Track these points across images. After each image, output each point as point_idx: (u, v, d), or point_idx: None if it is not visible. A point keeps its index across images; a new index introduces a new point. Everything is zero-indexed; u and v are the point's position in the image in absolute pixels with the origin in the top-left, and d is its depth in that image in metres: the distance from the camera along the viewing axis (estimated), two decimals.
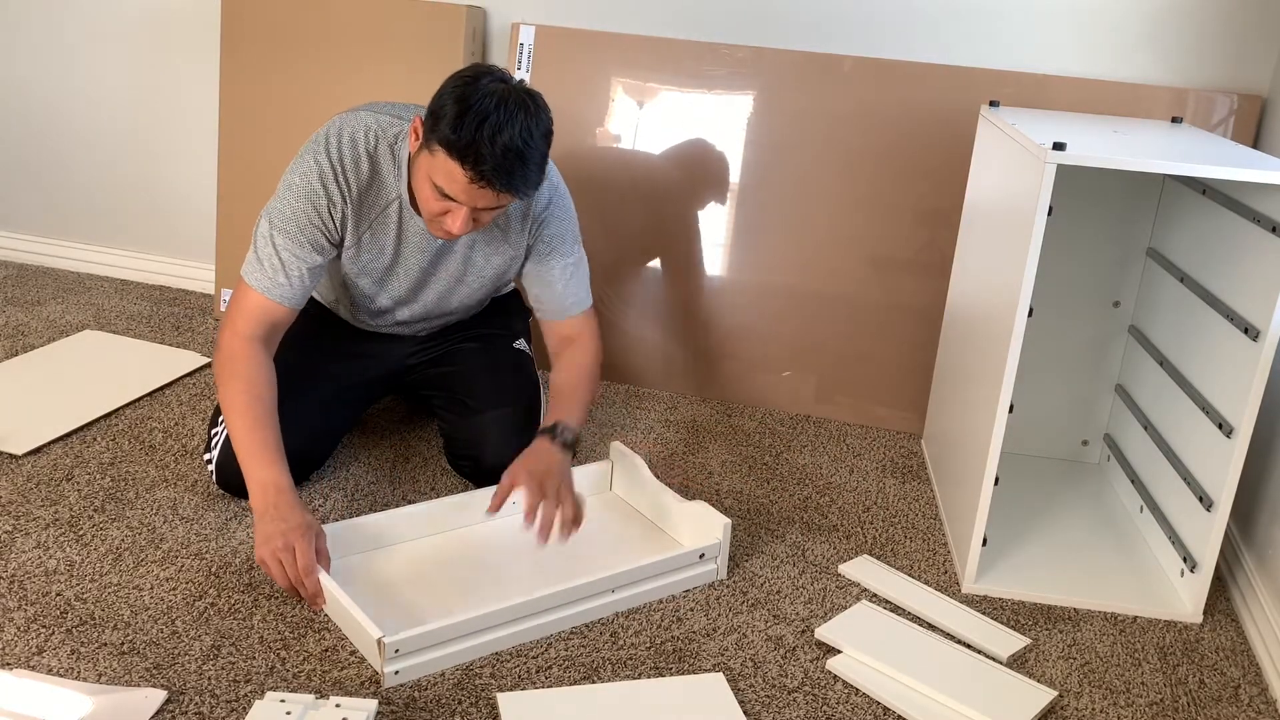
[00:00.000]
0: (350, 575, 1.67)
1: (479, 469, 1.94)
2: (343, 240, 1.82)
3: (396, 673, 1.47)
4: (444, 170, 1.61)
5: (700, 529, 1.80)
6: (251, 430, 1.69)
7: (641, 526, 1.90)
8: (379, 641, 1.45)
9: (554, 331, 1.96)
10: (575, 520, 1.71)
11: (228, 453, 1.83)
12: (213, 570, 1.69)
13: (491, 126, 1.56)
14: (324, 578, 1.58)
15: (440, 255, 1.88)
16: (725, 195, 2.43)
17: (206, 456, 1.89)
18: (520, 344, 2.11)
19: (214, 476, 1.87)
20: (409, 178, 1.76)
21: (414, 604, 1.64)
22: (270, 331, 1.77)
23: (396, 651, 1.46)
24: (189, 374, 2.37)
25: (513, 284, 2.14)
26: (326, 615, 1.60)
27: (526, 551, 1.79)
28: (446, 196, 1.64)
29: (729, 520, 1.76)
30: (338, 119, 1.79)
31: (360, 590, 1.63)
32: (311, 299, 2.01)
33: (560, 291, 1.93)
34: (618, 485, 2.00)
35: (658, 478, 1.91)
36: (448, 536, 1.83)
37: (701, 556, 1.74)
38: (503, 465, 1.90)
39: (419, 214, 1.78)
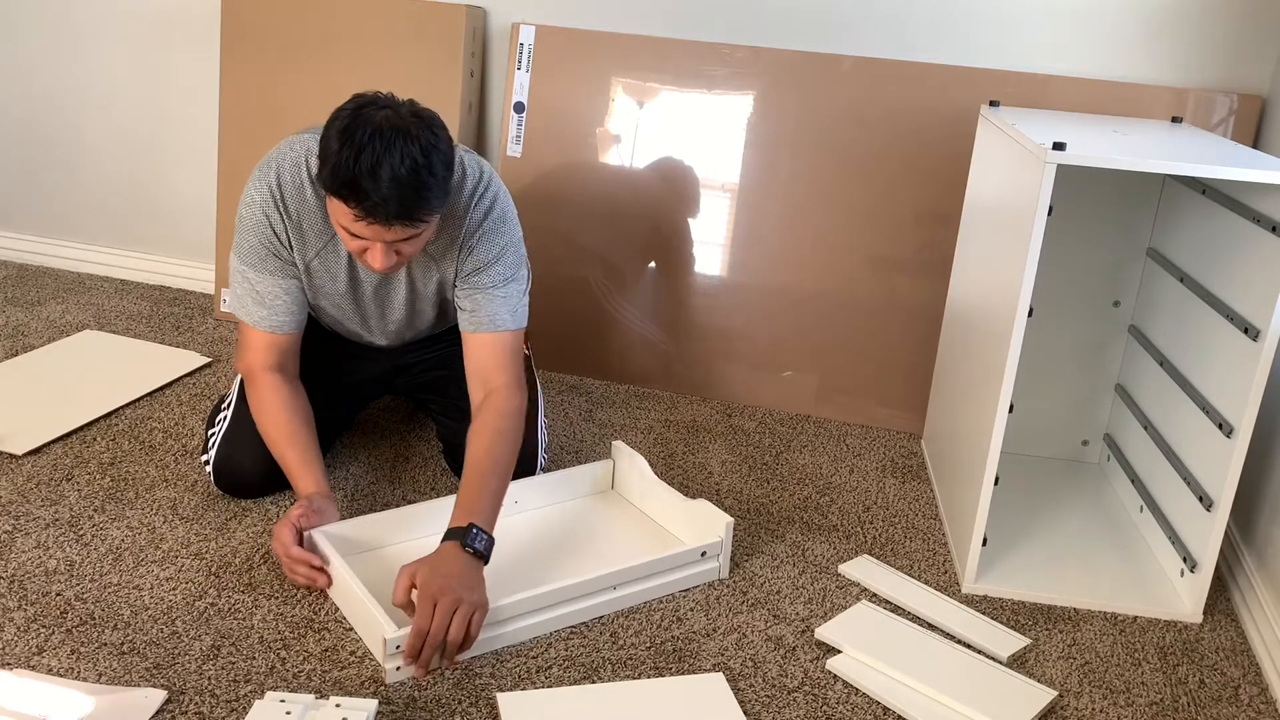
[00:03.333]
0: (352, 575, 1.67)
1: None
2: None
3: (398, 668, 1.47)
4: (340, 211, 1.56)
5: (702, 527, 1.80)
6: (278, 450, 1.77)
7: (643, 525, 1.90)
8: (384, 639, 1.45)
9: (471, 351, 1.80)
10: (465, 644, 1.50)
11: (224, 453, 1.85)
12: (213, 570, 1.69)
13: (369, 159, 1.49)
14: (341, 569, 1.59)
15: (389, 278, 1.84)
16: (721, 196, 2.43)
17: (204, 458, 1.90)
18: None
19: (211, 478, 1.88)
20: None
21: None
22: (280, 357, 1.80)
23: (398, 648, 1.46)
24: (189, 374, 2.37)
25: None
26: (328, 614, 1.60)
27: (525, 550, 1.79)
28: (357, 235, 1.59)
29: (731, 519, 1.76)
30: (282, 145, 1.75)
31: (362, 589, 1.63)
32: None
33: (479, 301, 1.79)
34: (619, 484, 2.00)
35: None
36: (435, 540, 1.82)
37: (703, 554, 1.74)
38: None
39: None
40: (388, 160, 1.50)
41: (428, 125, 1.56)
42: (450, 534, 1.57)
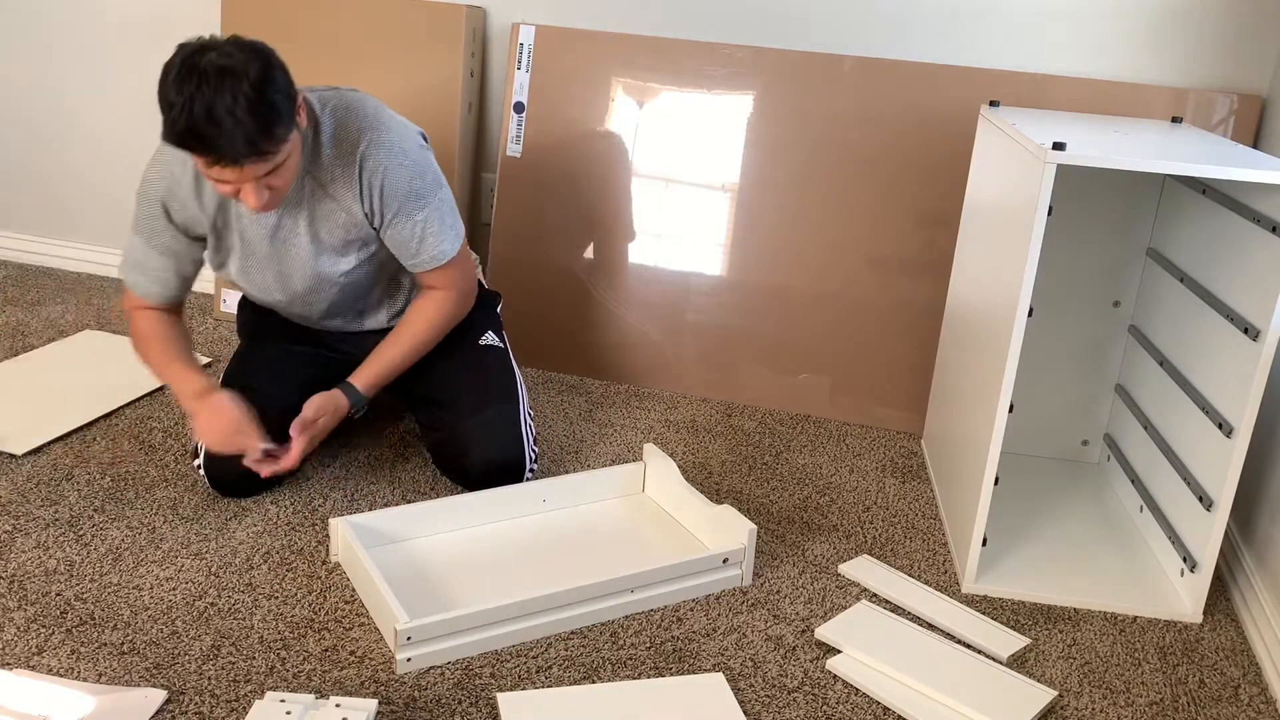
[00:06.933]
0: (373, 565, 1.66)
1: (466, 478, 1.94)
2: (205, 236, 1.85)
3: (409, 659, 1.48)
4: (197, 162, 1.60)
5: (726, 533, 1.78)
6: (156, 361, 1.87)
7: (670, 529, 1.89)
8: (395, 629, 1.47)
9: (419, 280, 1.93)
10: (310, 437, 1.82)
11: (209, 451, 1.84)
12: (213, 570, 1.69)
13: (202, 105, 1.51)
14: (363, 558, 1.60)
15: (277, 233, 1.81)
16: (721, 196, 2.43)
17: (195, 463, 1.89)
18: (488, 338, 2.04)
19: (205, 481, 1.88)
20: None
21: (429, 596, 1.65)
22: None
23: (409, 639, 1.47)
24: None
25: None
26: (328, 614, 1.60)
27: (549, 548, 1.80)
28: (220, 180, 1.61)
29: (754, 525, 1.75)
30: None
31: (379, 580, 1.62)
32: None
33: (415, 249, 1.85)
34: (650, 487, 2.00)
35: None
36: (460, 535, 1.83)
37: (725, 561, 1.73)
38: (490, 470, 1.90)
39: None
40: (220, 102, 1.51)
41: (256, 56, 1.56)
42: (339, 386, 1.89)
